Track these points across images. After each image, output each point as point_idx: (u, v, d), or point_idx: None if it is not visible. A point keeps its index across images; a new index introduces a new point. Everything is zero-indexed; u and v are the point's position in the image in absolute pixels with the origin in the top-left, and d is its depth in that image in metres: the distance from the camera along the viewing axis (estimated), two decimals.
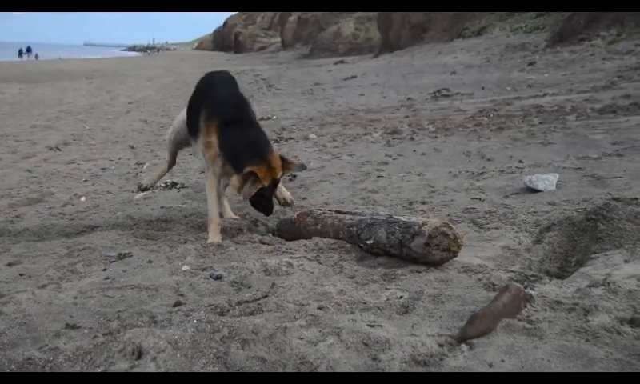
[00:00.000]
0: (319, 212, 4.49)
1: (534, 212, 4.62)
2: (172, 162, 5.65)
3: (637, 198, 4.26)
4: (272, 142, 4.95)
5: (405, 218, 3.81)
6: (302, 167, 5.13)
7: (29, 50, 63.56)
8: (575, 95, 11.41)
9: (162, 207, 5.96)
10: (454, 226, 3.64)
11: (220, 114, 4.62)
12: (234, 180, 4.49)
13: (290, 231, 4.54)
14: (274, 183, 4.66)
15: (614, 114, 9.01)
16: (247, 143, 4.52)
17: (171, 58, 69.83)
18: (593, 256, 3.48)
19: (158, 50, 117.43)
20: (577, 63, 15.66)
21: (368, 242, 3.83)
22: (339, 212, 4.41)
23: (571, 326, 2.44)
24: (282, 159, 4.67)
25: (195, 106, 4.88)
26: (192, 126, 4.88)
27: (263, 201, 4.71)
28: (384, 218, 3.88)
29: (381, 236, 3.76)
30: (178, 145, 5.49)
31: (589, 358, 2.21)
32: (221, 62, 48.49)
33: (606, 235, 3.72)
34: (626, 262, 3.20)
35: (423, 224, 3.59)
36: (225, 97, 4.84)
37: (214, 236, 4.43)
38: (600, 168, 5.95)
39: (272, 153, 4.59)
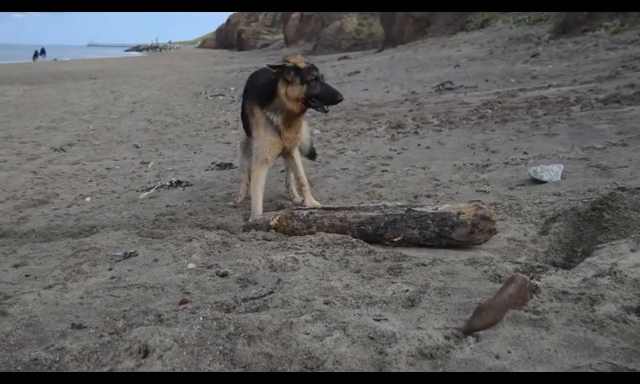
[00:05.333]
0: (307, 213, 4.35)
1: (540, 203, 4.61)
2: None
3: None
4: None
5: (429, 209, 3.84)
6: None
7: (43, 51, 62.72)
8: (579, 86, 11.35)
9: (167, 206, 5.98)
10: (483, 205, 3.72)
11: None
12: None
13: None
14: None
15: (618, 103, 8.96)
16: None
17: (174, 57, 69.79)
18: (599, 246, 3.47)
19: (161, 50, 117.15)
20: (580, 54, 15.58)
21: (395, 239, 3.86)
22: (329, 209, 4.35)
23: (577, 316, 2.43)
24: None
25: None
26: None
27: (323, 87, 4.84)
28: (404, 213, 3.89)
29: (413, 233, 3.82)
30: None
31: (595, 348, 2.20)
32: (224, 60, 48.48)
33: (612, 225, 3.72)
34: (632, 251, 3.19)
35: (459, 213, 3.70)
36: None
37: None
38: (605, 158, 5.93)
39: None
